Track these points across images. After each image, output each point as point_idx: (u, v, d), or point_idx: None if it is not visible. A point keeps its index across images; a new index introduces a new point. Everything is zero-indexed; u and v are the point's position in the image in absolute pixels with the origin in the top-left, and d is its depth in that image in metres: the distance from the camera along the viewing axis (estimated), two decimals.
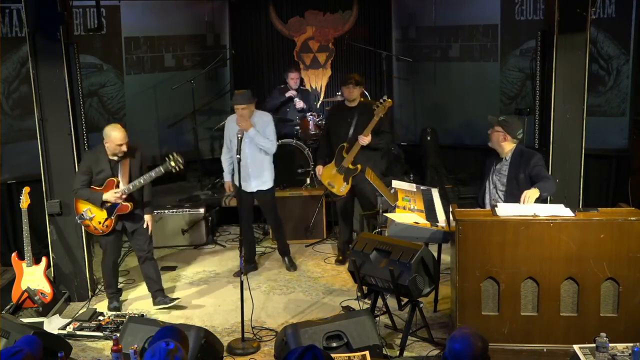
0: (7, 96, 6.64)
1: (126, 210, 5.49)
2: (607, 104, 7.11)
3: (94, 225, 5.52)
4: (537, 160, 5.08)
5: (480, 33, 8.14)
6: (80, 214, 5.52)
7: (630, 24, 6.83)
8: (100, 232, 5.54)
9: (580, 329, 4.50)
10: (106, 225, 5.51)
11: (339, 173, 6.33)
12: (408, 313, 4.91)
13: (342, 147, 6.31)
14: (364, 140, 6.13)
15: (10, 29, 6.53)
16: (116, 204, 5.44)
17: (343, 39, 9.06)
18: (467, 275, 4.58)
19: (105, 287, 5.82)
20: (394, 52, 8.97)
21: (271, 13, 9.08)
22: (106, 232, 5.53)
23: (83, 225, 5.66)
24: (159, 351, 2.87)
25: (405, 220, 5.34)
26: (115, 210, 5.47)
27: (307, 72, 9.17)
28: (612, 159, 7.09)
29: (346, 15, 9.11)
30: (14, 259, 5.67)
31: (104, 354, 4.95)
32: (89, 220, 5.51)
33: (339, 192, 6.39)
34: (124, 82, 8.03)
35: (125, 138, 5.37)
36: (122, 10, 7.85)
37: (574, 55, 5.65)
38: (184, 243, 7.26)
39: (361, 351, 4.33)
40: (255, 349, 4.97)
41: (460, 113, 8.44)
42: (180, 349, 2.95)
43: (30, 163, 6.15)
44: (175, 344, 2.93)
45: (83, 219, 5.53)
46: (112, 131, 5.38)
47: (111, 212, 5.47)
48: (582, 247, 4.45)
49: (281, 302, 5.84)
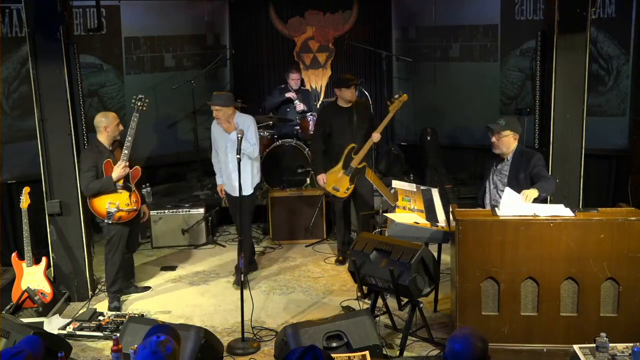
0: (7, 96, 6.64)
1: (139, 173, 5.64)
2: (607, 104, 7.11)
3: (126, 211, 5.56)
4: (537, 160, 5.09)
5: (480, 33, 8.14)
6: (107, 214, 5.49)
7: (630, 24, 6.83)
8: (135, 209, 5.62)
9: (580, 329, 4.50)
10: (135, 201, 5.61)
11: (345, 175, 6.30)
12: (408, 313, 4.91)
13: (352, 148, 6.28)
14: (377, 137, 6.13)
15: (10, 29, 6.53)
16: (128, 176, 5.55)
17: (343, 39, 9.06)
18: (467, 275, 4.59)
19: (109, 285, 5.76)
20: (394, 52, 8.97)
21: (271, 13, 9.08)
22: (139, 207, 5.66)
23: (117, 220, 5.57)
24: (150, 343, 2.94)
25: (405, 220, 5.34)
26: (131, 182, 5.58)
27: (307, 72, 9.16)
28: (612, 159, 7.09)
29: (346, 15, 9.11)
30: (14, 259, 5.67)
31: (104, 354, 4.94)
32: (118, 212, 5.51)
33: (343, 194, 6.36)
34: (124, 82, 8.03)
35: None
36: (122, 10, 7.85)
37: (574, 55, 5.65)
38: (184, 243, 7.26)
39: (361, 351, 4.34)
40: (255, 349, 4.97)
41: (460, 113, 8.44)
42: (172, 340, 3.00)
43: (30, 163, 6.16)
44: (165, 336, 2.99)
45: (112, 215, 5.50)
46: (107, 114, 5.64)
47: (129, 187, 5.58)
48: (582, 247, 4.46)
49: (281, 302, 5.84)
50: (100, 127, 5.55)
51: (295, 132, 7.93)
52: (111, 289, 5.76)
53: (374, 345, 4.53)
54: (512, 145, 5.16)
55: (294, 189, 7.41)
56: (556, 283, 4.51)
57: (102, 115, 5.64)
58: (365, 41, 8.98)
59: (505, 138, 5.14)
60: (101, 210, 5.51)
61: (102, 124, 5.55)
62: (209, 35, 8.77)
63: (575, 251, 4.46)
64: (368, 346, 4.47)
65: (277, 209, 7.27)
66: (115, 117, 5.64)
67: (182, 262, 6.86)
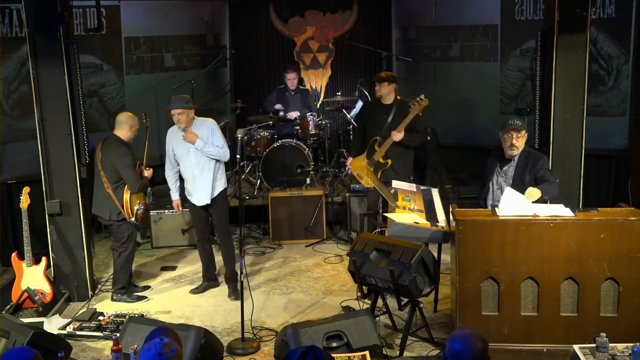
0: (7, 96, 6.64)
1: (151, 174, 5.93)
2: (607, 104, 7.11)
3: (144, 209, 5.87)
4: (543, 163, 5.13)
5: (480, 33, 8.14)
6: (136, 212, 5.75)
7: (630, 24, 6.82)
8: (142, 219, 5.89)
9: (580, 329, 4.50)
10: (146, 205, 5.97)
11: (369, 165, 6.35)
12: (408, 313, 4.91)
13: (374, 140, 6.33)
14: (397, 136, 6.14)
15: (10, 29, 6.53)
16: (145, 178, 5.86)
17: (343, 39, 9.07)
18: (467, 275, 4.59)
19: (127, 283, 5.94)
20: (394, 52, 8.97)
21: (271, 13, 9.09)
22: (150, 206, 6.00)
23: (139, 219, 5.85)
24: (155, 345, 3.00)
25: (405, 220, 5.34)
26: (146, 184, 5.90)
27: (307, 72, 9.17)
28: (612, 159, 7.09)
29: (346, 15, 9.12)
30: (14, 259, 5.67)
31: (104, 354, 4.95)
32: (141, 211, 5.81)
33: (368, 183, 6.44)
34: (124, 82, 8.02)
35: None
36: (122, 10, 7.85)
37: (574, 55, 5.65)
38: (184, 243, 7.26)
39: (361, 351, 4.34)
40: (255, 349, 4.97)
41: (460, 113, 8.44)
42: (175, 343, 3.08)
43: (30, 163, 6.15)
44: (169, 339, 3.07)
45: (138, 215, 5.78)
46: (134, 116, 5.88)
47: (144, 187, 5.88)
48: (582, 247, 4.46)
49: (281, 302, 5.84)
50: (127, 126, 5.79)
51: (295, 132, 7.94)
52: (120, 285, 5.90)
53: (374, 345, 4.53)
54: (523, 145, 5.18)
55: (294, 189, 7.42)
56: (556, 283, 4.51)
57: (129, 115, 5.88)
58: (365, 41, 8.98)
59: (523, 139, 5.16)
60: (132, 209, 5.71)
61: (129, 123, 5.79)
62: (209, 35, 8.77)
63: (575, 251, 4.46)
64: (368, 346, 4.48)
65: (277, 209, 7.27)
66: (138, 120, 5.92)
67: (182, 262, 6.86)
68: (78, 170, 5.78)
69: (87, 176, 5.93)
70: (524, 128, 5.16)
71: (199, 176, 5.82)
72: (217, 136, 5.82)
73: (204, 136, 5.76)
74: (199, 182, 5.82)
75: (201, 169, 5.81)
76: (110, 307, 5.77)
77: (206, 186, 5.82)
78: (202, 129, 5.78)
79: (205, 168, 5.81)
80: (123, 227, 5.79)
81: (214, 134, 5.80)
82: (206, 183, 5.82)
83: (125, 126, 5.78)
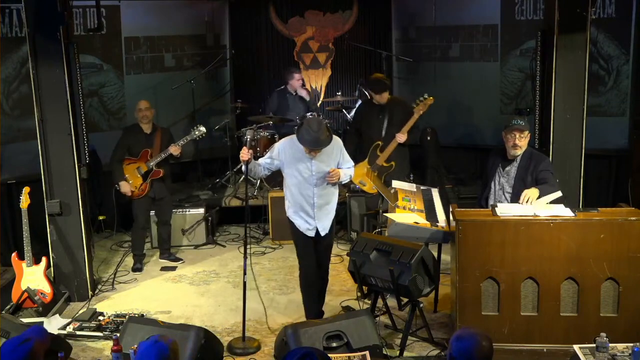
0: (7, 96, 6.63)
1: (158, 176, 6.48)
2: (607, 104, 7.11)
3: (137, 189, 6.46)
4: (546, 165, 5.13)
5: (480, 33, 8.14)
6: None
7: (630, 24, 6.83)
8: (137, 196, 6.46)
9: (580, 329, 4.50)
10: (142, 189, 6.45)
11: (372, 171, 6.32)
12: (408, 313, 4.91)
13: (376, 146, 6.30)
14: (402, 137, 6.13)
15: (10, 29, 6.53)
16: (150, 170, 6.41)
17: (343, 39, 9.06)
18: (467, 275, 4.58)
19: (133, 249, 6.64)
20: (394, 52, 8.96)
21: (271, 13, 9.08)
22: (142, 195, 6.45)
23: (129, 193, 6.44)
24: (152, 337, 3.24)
25: (405, 220, 5.34)
26: (149, 176, 6.43)
27: (307, 72, 9.16)
28: (612, 159, 7.09)
29: (346, 15, 9.11)
30: (14, 259, 5.67)
31: (104, 354, 4.94)
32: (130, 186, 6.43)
33: (371, 189, 6.44)
34: (124, 82, 8.02)
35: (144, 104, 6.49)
36: (122, 10, 7.85)
37: (574, 55, 5.65)
38: (184, 243, 7.26)
39: (361, 351, 4.33)
40: (255, 349, 4.97)
41: (460, 113, 8.44)
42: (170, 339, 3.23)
43: (30, 163, 6.15)
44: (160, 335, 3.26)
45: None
46: (141, 102, 6.57)
47: (145, 177, 6.43)
48: (582, 247, 4.45)
49: (281, 302, 5.84)
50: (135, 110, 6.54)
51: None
52: (135, 252, 6.63)
53: (374, 345, 4.53)
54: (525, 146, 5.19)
55: None
56: (556, 283, 4.51)
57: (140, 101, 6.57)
58: (365, 41, 8.98)
59: (526, 139, 5.16)
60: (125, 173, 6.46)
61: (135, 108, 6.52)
62: (209, 35, 8.76)
63: (575, 251, 4.46)
64: (368, 346, 4.47)
65: (277, 209, 7.25)
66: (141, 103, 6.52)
67: (182, 262, 6.86)
68: (78, 170, 5.77)
69: (87, 176, 5.94)
70: (527, 128, 5.16)
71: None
72: (347, 156, 5.09)
73: (336, 159, 5.02)
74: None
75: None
76: (110, 307, 5.76)
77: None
78: (333, 152, 5.01)
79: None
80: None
81: (343, 155, 5.05)
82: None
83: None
